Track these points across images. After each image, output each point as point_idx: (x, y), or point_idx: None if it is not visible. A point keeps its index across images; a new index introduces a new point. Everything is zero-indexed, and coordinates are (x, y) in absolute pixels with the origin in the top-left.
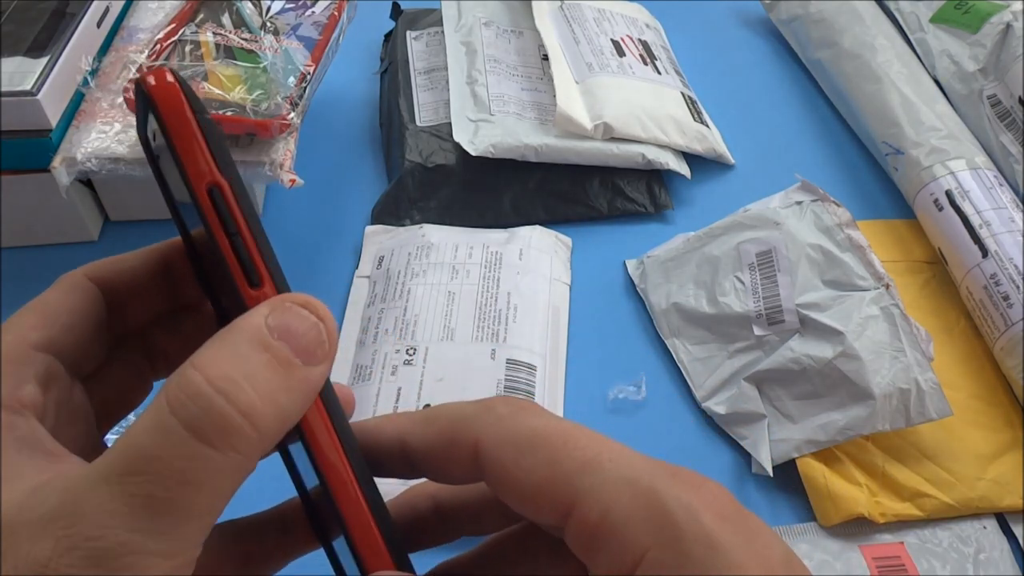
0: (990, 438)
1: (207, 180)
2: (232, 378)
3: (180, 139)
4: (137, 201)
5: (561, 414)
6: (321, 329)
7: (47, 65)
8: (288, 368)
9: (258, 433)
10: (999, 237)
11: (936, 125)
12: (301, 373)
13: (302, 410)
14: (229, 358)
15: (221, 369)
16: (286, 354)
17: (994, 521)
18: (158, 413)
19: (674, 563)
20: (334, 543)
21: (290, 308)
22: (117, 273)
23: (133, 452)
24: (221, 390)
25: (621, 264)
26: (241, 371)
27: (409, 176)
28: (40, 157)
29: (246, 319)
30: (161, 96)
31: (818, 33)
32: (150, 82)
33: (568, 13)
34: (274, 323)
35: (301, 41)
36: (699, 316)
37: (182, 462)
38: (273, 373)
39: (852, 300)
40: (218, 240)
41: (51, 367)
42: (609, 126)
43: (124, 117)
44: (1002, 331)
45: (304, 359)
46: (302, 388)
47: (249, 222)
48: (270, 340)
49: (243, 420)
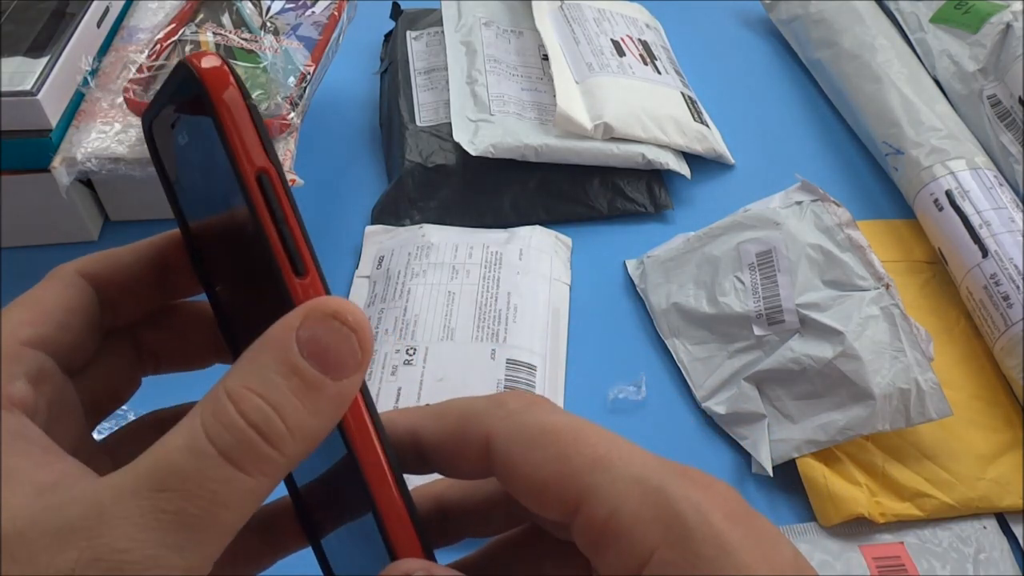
0: (990, 438)
1: (257, 166)
2: (263, 411)
3: (231, 123)
4: (137, 201)
5: None
6: (353, 341)
7: (47, 65)
8: (318, 390)
9: (287, 459)
10: (999, 237)
11: (936, 125)
12: (332, 391)
13: (332, 425)
14: (260, 384)
15: (253, 401)
16: (314, 376)
17: (994, 521)
18: (193, 436)
19: (682, 563)
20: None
21: (322, 319)
22: (110, 269)
23: (166, 470)
24: (253, 424)
25: (621, 264)
26: (272, 400)
27: (409, 176)
28: (40, 157)
29: (276, 332)
30: (212, 79)
31: (818, 33)
32: (201, 64)
33: (568, 13)
34: (305, 336)
35: (301, 41)
36: (699, 316)
37: (214, 484)
38: (302, 400)
39: (852, 300)
40: (264, 227)
41: (43, 364)
42: (609, 126)
43: (124, 117)
44: (1002, 331)
45: (334, 374)
46: (332, 406)
47: (295, 210)
48: (299, 362)
49: (273, 451)
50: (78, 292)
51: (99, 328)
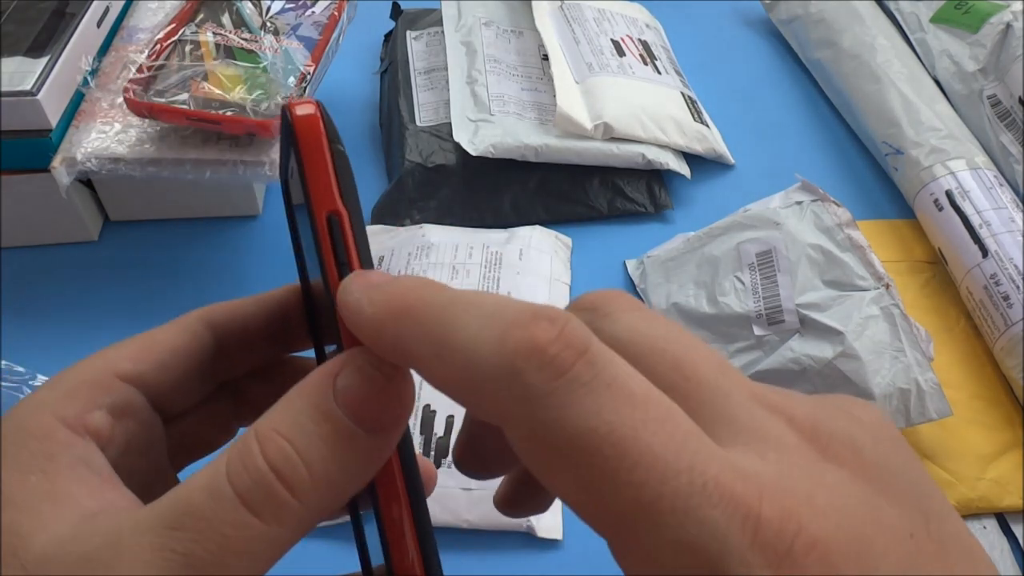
0: (990, 438)
1: (329, 207)
2: (287, 455)
3: (311, 164)
4: (137, 201)
5: None
6: (391, 394)
7: (47, 65)
8: (349, 441)
9: (307, 510)
10: (999, 237)
11: (936, 125)
12: (364, 444)
13: (362, 482)
14: (289, 428)
15: (278, 444)
16: (347, 426)
17: (994, 521)
18: (215, 475)
19: None
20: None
21: (362, 367)
22: (233, 319)
23: (183, 507)
24: (275, 467)
25: (621, 264)
26: (299, 445)
27: (409, 176)
28: (40, 157)
29: (315, 378)
30: (302, 124)
31: (818, 33)
32: (296, 111)
33: (568, 13)
34: (342, 384)
35: (301, 41)
36: (699, 316)
37: (228, 528)
38: (331, 450)
39: (852, 300)
40: (327, 269)
41: (131, 399)
42: (609, 126)
43: (124, 117)
44: (1002, 331)
45: (369, 428)
46: (363, 461)
47: (361, 256)
48: (333, 408)
49: (292, 499)
50: (192, 338)
51: (210, 376)
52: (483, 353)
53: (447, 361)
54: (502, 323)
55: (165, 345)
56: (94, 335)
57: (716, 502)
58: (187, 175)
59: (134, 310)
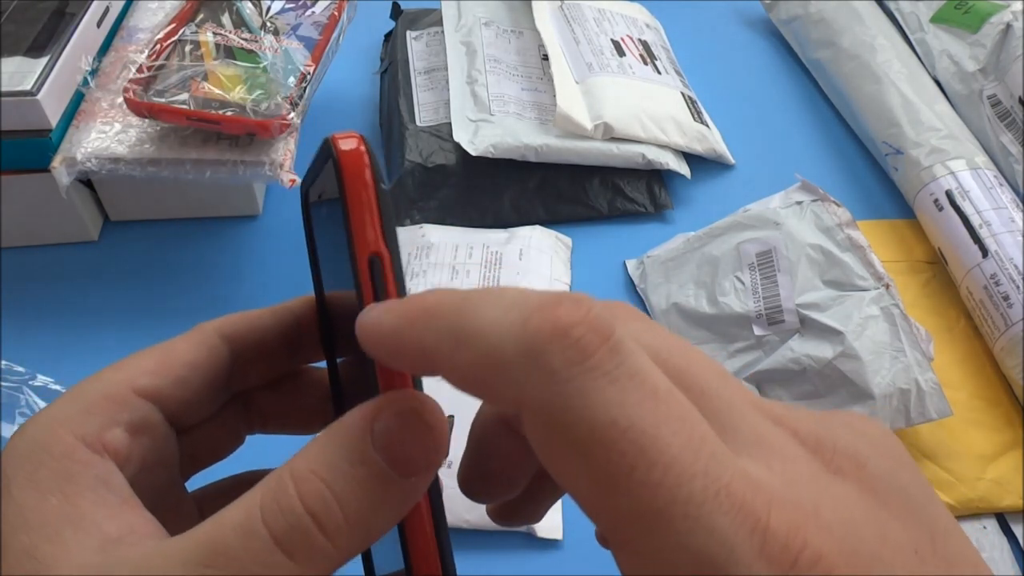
0: (990, 438)
1: (371, 249)
2: (324, 497)
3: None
4: (137, 201)
5: None
6: (429, 440)
7: (47, 65)
8: (384, 485)
9: (339, 552)
10: (999, 237)
11: (936, 125)
12: (397, 488)
13: (391, 524)
14: (326, 470)
15: (315, 486)
16: (383, 470)
17: (994, 521)
18: (248, 513)
19: None
20: None
21: (401, 412)
22: (251, 332)
23: (217, 546)
24: (311, 509)
25: (621, 264)
26: (335, 488)
27: (409, 176)
28: (40, 157)
29: (353, 419)
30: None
31: (818, 33)
32: (341, 145)
33: (568, 13)
34: (380, 428)
35: (301, 41)
36: (699, 316)
37: (260, 568)
38: (366, 493)
39: (852, 300)
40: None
41: (148, 416)
42: (609, 126)
43: (124, 117)
44: (1002, 331)
45: (403, 472)
46: (395, 504)
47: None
48: (370, 451)
49: (326, 541)
50: (209, 351)
51: (225, 389)
52: (505, 336)
53: (467, 347)
54: (526, 307)
55: (183, 359)
56: (94, 335)
57: (727, 510)
58: (187, 175)
59: (134, 310)
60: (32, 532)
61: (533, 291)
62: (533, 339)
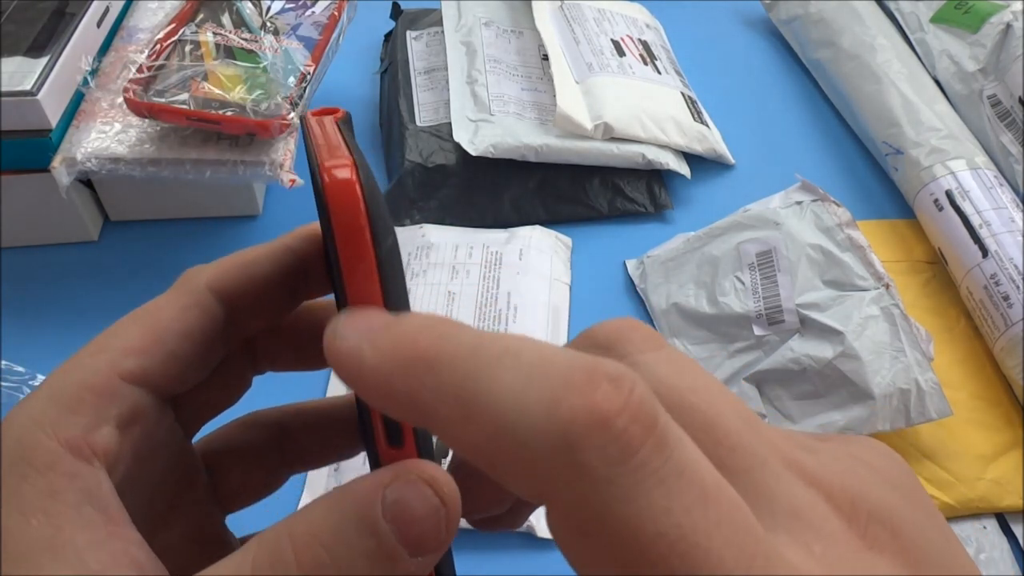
0: (990, 438)
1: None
2: (323, 566)
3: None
4: (137, 201)
5: None
6: (441, 516)
7: (47, 65)
8: (390, 561)
9: None
10: (999, 237)
11: (936, 125)
12: (404, 566)
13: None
14: (329, 536)
15: (315, 553)
16: (393, 546)
17: (994, 521)
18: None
19: None
20: None
21: (414, 483)
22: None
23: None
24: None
25: (621, 264)
26: (338, 558)
27: (409, 176)
28: (40, 157)
29: (362, 487)
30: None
31: (818, 33)
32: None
33: (568, 13)
34: (392, 499)
35: (301, 41)
36: (699, 316)
37: None
38: (370, 567)
39: (852, 300)
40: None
41: (138, 403)
42: (609, 126)
43: (124, 117)
44: (1002, 331)
45: (412, 549)
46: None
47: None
48: (380, 523)
49: None
50: (201, 313)
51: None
52: (529, 420)
53: (478, 425)
54: (552, 382)
55: (173, 329)
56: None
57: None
58: (187, 175)
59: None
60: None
61: (556, 352)
62: (567, 431)
